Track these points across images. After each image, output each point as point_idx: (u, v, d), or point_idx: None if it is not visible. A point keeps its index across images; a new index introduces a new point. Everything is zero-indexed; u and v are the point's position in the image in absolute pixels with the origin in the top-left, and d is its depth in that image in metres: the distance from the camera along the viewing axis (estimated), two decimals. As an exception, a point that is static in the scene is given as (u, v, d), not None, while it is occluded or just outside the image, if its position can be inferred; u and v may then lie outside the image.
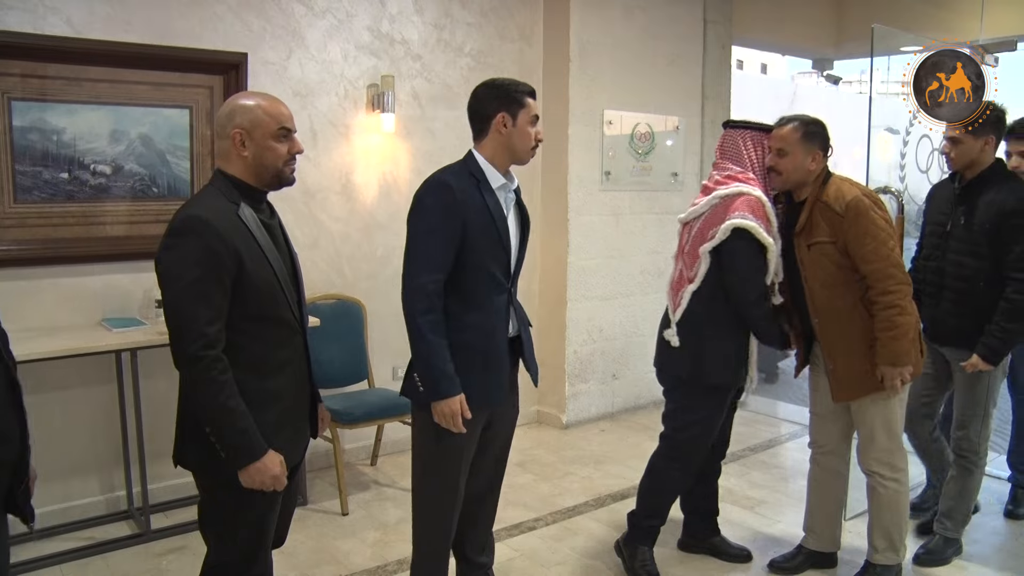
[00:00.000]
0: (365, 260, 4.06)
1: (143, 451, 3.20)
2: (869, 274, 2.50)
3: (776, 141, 2.60)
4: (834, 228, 2.53)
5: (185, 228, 1.74)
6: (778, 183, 2.64)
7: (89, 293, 3.28)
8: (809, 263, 2.60)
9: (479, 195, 2.25)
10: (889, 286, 2.48)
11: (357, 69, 3.94)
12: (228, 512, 1.85)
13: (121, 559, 3.03)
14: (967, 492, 3.00)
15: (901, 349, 2.50)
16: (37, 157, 3.12)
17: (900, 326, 2.48)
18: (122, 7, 3.23)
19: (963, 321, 2.86)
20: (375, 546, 3.17)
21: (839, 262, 2.55)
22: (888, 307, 2.49)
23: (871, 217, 2.49)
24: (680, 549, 3.13)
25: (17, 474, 1.67)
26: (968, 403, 2.95)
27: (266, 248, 1.82)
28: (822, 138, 2.60)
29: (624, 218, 4.86)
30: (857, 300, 2.57)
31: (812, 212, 2.58)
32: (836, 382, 2.66)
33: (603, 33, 4.63)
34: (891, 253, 2.49)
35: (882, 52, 4.26)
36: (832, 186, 2.57)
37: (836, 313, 2.59)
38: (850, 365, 2.61)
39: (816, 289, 2.61)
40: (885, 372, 2.53)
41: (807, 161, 2.58)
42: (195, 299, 1.70)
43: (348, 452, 4.03)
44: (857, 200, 2.50)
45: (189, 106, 3.44)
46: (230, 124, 1.82)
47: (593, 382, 4.82)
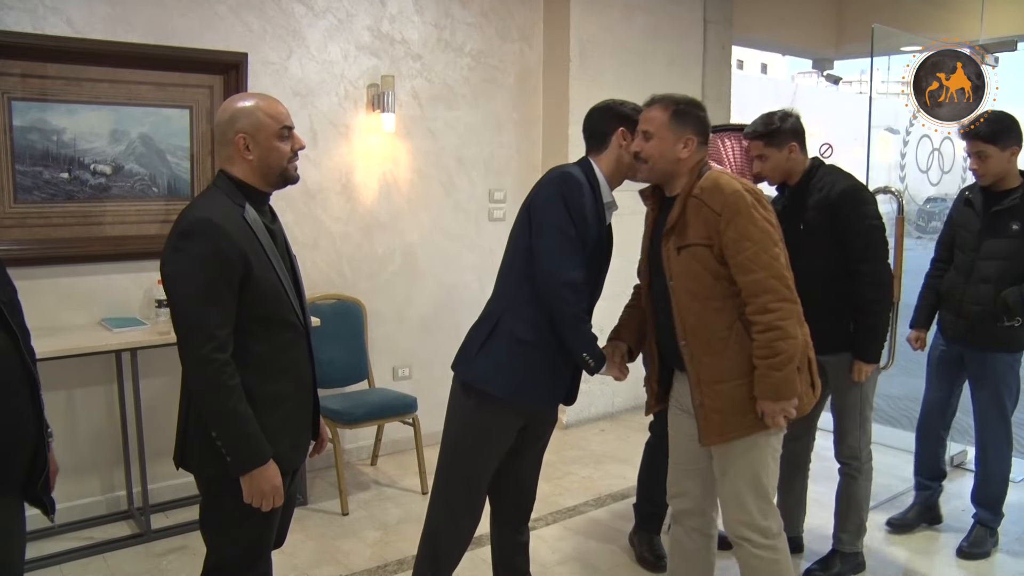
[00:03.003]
0: (365, 260, 4.06)
1: (143, 451, 3.20)
2: (746, 286, 2.04)
3: (642, 122, 2.19)
4: (710, 228, 2.07)
5: (193, 230, 1.72)
6: (644, 173, 2.21)
7: (89, 293, 3.28)
8: (679, 270, 2.12)
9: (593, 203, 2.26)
10: (769, 302, 2.02)
11: (357, 69, 3.94)
12: (230, 514, 1.84)
13: (121, 559, 3.02)
14: (856, 501, 2.86)
15: (783, 380, 2.02)
16: (37, 157, 3.12)
17: (782, 352, 2.01)
18: (122, 7, 3.24)
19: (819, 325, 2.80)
20: (375, 546, 3.17)
21: (715, 270, 2.08)
22: (768, 328, 2.02)
23: (752, 216, 2.04)
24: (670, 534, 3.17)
25: (35, 465, 1.68)
26: (844, 411, 2.82)
27: (270, 251, 1.82)
28: (698, 121, 2.17)
29: (624, 218, 4.82)
30: (736, 319, 2.09)
31: (684, 209, 2.12)
32: (705, 420, 2.14)
33: (603, 33, 4.63)
34: (773, 261, 2.02)
35: (882, 52, 4.27)
36: (709, 179, 2.12)
37: (709, 333, 2.10)
38: (723, 397, 2.11)
39: (685, 302, 2.12)
40: (765, 408, 2.06)
41: (677, 147, 2.13)
42: (205, 301, 1.69)
43: (348, 452, 4.03)
44: (737, 195, 2.05)
45: (189, 106, 3.44)
46: (232, 129, 1.81)
47: (593, 382, 4.81)
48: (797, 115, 2.75)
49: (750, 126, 2.75)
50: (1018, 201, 2.89)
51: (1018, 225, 2.88)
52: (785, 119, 2.71)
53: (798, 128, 2.72)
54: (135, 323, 3.23)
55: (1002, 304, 2.87)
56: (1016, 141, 2.88)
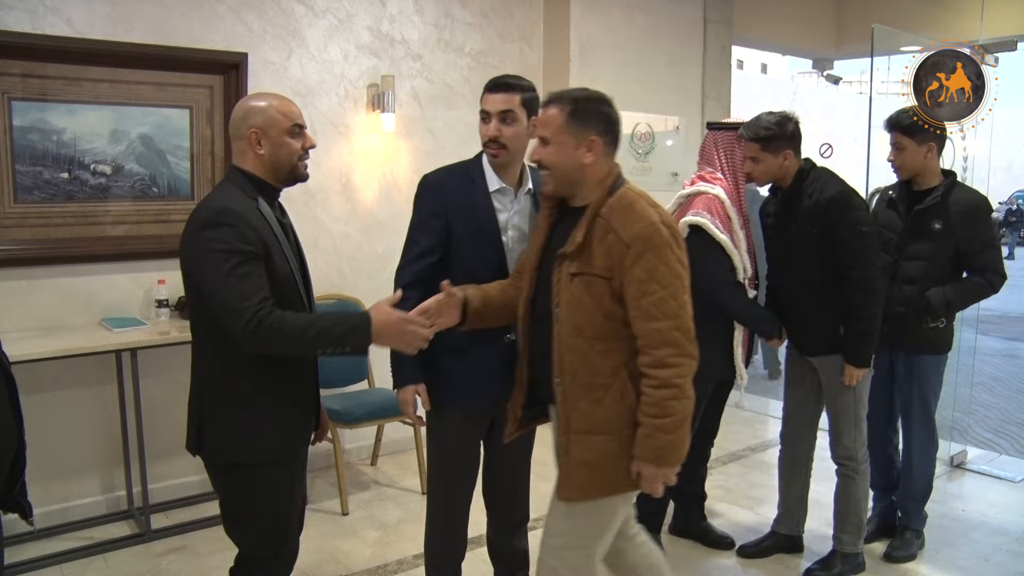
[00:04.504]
0: (365, 260, 4.06)
1: (143, 451, 3.19)
2: (646, 335, 1.77)
3: (537, 126, 1.94)
4: (613, 260, 1.78)
5: (219, 219, 1.76)
6: (549, 184, 1.92)
7: (89, 293, 3.28)
8: (568, 299, 1.83)
9: None
10: (669, 356, 1.76)
11: (357, 69, 3.94)
12: (245, 502, 1.90)
13: (121, 559, 3.02)
14: (854, 502, 2.84)
15: (670, 444, 1.77)
16: (37, 157, 3.12)
17: (675, 413, 1.76)
18: (122, 7, 3.23)
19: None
20: (375, 546, 3.17)
21: (609, 310, 1.80)
22: (664, 385, 1.76)
23: (665, 256, 1.76)
24: (671, 533, 3.22)
25: (13, 472, 1.69)
26: (838, 412, 2.81)
27: (283, 243, 1.88)
28: (602, 117, 1.86)
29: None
30: (623, 364, 1.82)
31: (590, 228, 1.82)
32: (567, 471, 1.87)
33: (603, 33, 4.63)
34: (681, 311, 1.77)
35: (882, 52, 4.27)
36: (622, 199, 1.82)
37: (590, 376, 1.82)
38: (593, 450, 1.83)
39: (568, 337, 1.83)
40: (644, 471, 1.81)
41: (579, 151, 1.84)
42: (239, 280, 1.72)
43: (348, 452, 4.03)
44: (652, 229, 1.76)
45: (189, 106, 3.44)
46: (245, 125, 1.87)
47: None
48: (796, 119, 2.73)
49: (746, 126, 2.73)
50: (939, 200, 2.85)
51: (940, 224, 2.84)
52: (784, 124, 2.68)
53: (796, 134, 2.71)
54: (135, 323, 3.22)
55: (926, 305, 2.85)
56: (933, 138, 2.84)
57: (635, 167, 4.85)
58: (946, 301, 2.85)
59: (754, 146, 2.70)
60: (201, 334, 1.90)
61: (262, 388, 1.86)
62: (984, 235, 2.87)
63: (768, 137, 2.67)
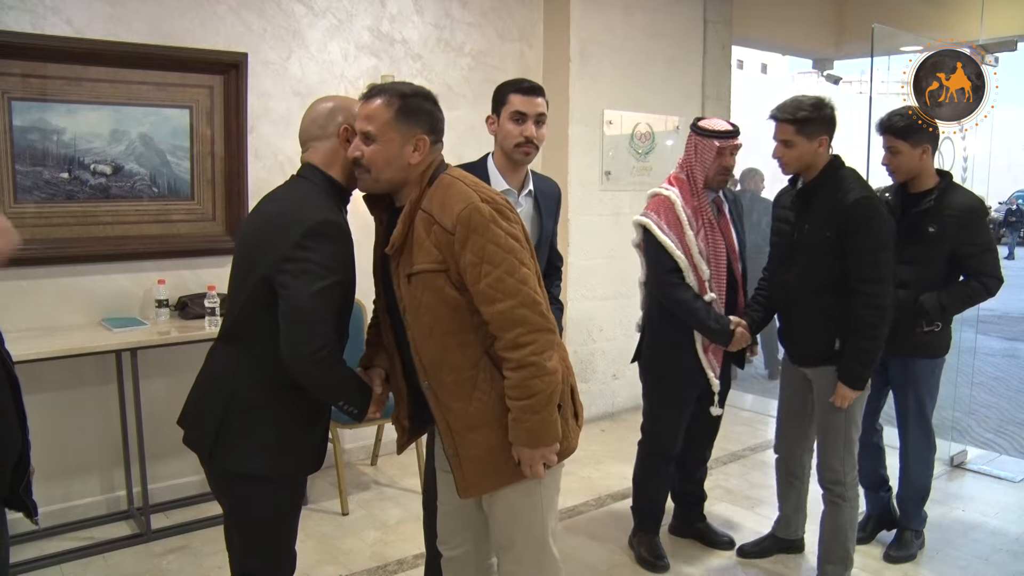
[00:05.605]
0: (366, 260, 4.04)
1: (143, 451, 3.19)
2: (493, 318, 1.70)
3: (360, 120, 1.76)
4: (443, 250, 1.71)
5: (324, 231, 1.71)
6: (366, 183, 1.81)
7: (89, 293, 3.28)
8: (410, 301, 1.77)
9: None
10: (519, 336, 1.69)
11: (357, 69, 3.94)
12: (261, 514, 1.87)
13: (121, 559, 3.03)
14: (840, 530, 2.67)
15: (541, 424, 1.72)
16: (37, 157, 3.12)
17: (538, 392, 1.70)
18: (122, 7, 3.24)
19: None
20: (375, 546, 3.17)
21: (452, 300, 1.73)
22: (521, 366, 1.70)
23: (491, 233, 1.68)
24: (671, 533, 3.23)
25: (18, 471, 1.69)
26: (827, 430, 2.65)
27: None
28: (428, 116, 1.77)
29: (624, 218, 4.86)
30: (483, 353, 1.77)
31: (411, 226, 1.76)
32: (459, 471, 1.83)
33: (603, 33, 4.63)
34: (521, 286, 1.69)
35: (882, 52, 4.27)
36: (440, 186, 1.75)
37: (454, 374, 1.77)
38: (477, 445, 1.80)
39: (421, 340, 1.78)
40: (522, 456, 1.77)
41: (405, 151, 1.74)
42: (327, 302, 1.69)
43: (348, 452, 4.03)
44: (471, 209, 1.68)
45: (189, 106, 3.44)
46: (332, 122, 1.79)
47: (593, 382, 4.81)
48: (833, 105, 2.55)
49: (781, 107, 2.56)
50: (933, 203, 2.80)
51: (934, 227, 2.78)
52: (822, 107, 2.51)
53: (833, 120, 2.54)
54: (135, 323, 3.23)
55: (920, 310, 2.80)
56: (928, 140, 2.79)
57: (635, 167, 4.85)
58: (940, 306, 2.81)
59: (788, 128, 2.52)
60: (252, 339, 1.78)
61: (304, 407, 1.81)
62: (980, 238, 2.82)
63: (805, 119, 2.50)
